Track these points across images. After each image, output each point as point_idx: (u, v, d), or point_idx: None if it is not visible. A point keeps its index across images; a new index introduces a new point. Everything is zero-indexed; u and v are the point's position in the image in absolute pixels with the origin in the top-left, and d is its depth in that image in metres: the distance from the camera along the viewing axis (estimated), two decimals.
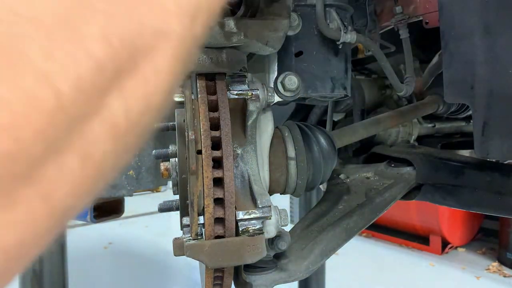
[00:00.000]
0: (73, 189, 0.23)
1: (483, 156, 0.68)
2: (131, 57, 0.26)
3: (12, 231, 0.20)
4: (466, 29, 0.63)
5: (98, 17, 0.24)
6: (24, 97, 0.19)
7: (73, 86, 0.21)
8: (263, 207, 0.65)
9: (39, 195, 0.21)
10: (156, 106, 0.29)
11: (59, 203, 0.22)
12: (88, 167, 0.23)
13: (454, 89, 0.67)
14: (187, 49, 0.32)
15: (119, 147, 0.26)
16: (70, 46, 0.21)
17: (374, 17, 0.91)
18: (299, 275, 0.77)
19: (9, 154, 0.18)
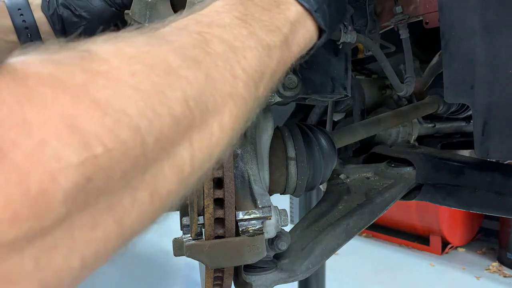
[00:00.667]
0: (141, 217, 0.27)
1: (483, 156, 0.68)
2: (202, 116, 0.31)
3: (91, 246, 0.24)
4: (466, 29, 0.63)
5: (181, 82, 0.30)
6: (119, 143, 0.23)
7: (155, 138, 0.26)
8: (263, 207, 0.65)
9: (114, 220, 0.25)
10: (217, 156, 0.34)
11: (128, 227, 0.26)
12: (155, 201, 0.28)
13: (454, 89, 0.67)
14: (250, 110, 0.39)
15: (182, 187, 0.31)
16: (157, 106, 0.27)
17: (374, 17, 0.90)
18: (299, 275, 0.77)
19: (100, 188, 0.23)
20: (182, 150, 0.29)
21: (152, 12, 0.79)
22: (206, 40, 0.36)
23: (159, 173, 0.28)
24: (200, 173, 0.33)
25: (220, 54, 0.36)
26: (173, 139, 0.28)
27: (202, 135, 0.31)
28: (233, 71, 0.36)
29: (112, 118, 0.23)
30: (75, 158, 0.21)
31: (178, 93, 0.29)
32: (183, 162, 0.30)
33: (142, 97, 0.26)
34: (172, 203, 0.31)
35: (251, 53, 0.39)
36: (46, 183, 0.20)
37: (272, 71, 0.43)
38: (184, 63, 0.31)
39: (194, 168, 0.31)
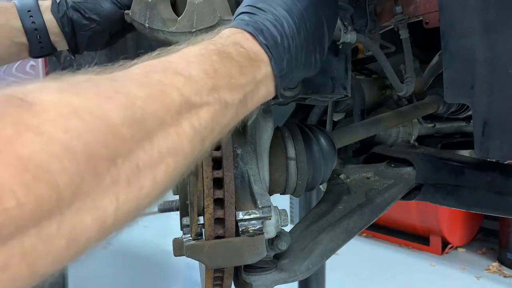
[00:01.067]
0: (55, 261, 0.28)
1: (483, 156, 0.68)
2: (132, 172, 0.32)
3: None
4: (466, 29, 0.63)
5: (116, 142, 0.32)
6: (33, 198, 0.25)
7: (73, 193, 0.27)
8: (263, 207, 0.65)
9: (27, 263, 0.26)
10: (146, 206, 0.35)
11: (41, 269, 0.27)
12: (71, 247, 0.29)
13: (454, 89, 0.67)
14: (191, 162, 0.40)
15: (103, 234, 0.31)
16: (82, 164, 0.28)
17: (374, 17, 0.90)
18: (299, 275, 0.77)
19: (8, 235, 0.24)
20: (106, 203, 0.30)
21: (152, 12, 0.79)
22: (164, 93, 0.36)
23: (78, 223, 0.28)
24: (126, 222, 0.34)
25: (172, 110, 0.36)
26: (95, 194, 0.29)
27: (130, 189, 0.32)
28: (181, 128, 0.37)
29: (31, 174, 0.25)
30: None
31: (109, 152, 0.30)
32: (106, 214, 0.30)
33: (68, 154, 0.27)
34: (92, 246, 0.32)
35: (206, 110, 0.40)
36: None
37: (223, 126, 0.44)
38: (125, 120, 0.32)
39: (118, 218, 0.32)
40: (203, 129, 0.40)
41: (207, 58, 0.43)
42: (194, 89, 0.39)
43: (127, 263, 3.66)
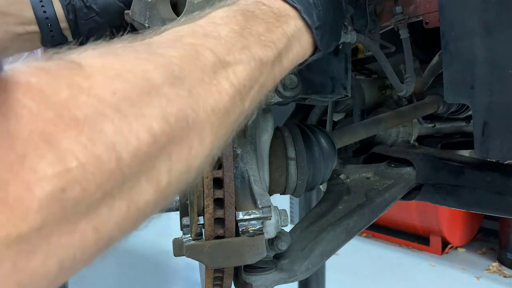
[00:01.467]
0: (118, 226, 0.29)
1: (483, 156, 0.68)
2: (182, 131, 0.32)
3: (68, 251, 0.25)
4: (466, 29, 0.63)
5: (161, 100, 0.31)
6: (93, 158, 0.25)
7: (131, 154, 0.27)
8: (263, 207, 0.65)
9: (92, 227, 0.26)
10: (196, 168, 0.35)
11: (106, 234, 0.28)
12: (132, 211, 0.29)
13: (454, 89, 0.67)
14: (234, 122, 0.39)
15: (159, 198, 0.31)
16: (134, 124, 0.28)
17: (374, 17, 0.90)
18: (299, 275, 0.77)
19: (75, 198, 0.24)
20: (160, 164, 0.30)
21: (152, 12, 0.79)
22: (198, 53, 0.37)
23: (136, 186, 0.29)
24: (179, 184, 0.33)
25: (209, 69, 0.37)
26: (151, 154, 0.29)
27: (180, 149, 0.32)
28: (220, 86, 0.37)
29: (88, 135, 0.25)
30: (50, 171, 0.23)
31: (157, 111, 0.30)
32: (161, 175, 0.31)
33: (119, 116, 0.28)
34: (151, 212, 0.32)
35: (242, 68, 0.40)
36: (23, 192, 0.22)
37: (261, 85, 0.43)
38: (167, 80, 0.32)
39: (171, 180, 0.32)
40: (242, 87, 0.39)
41: (232, 18, 0.43)
42: (226, 48, 0.39)
43: (127, 263, 3.66)
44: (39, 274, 0.24)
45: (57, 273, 0.25)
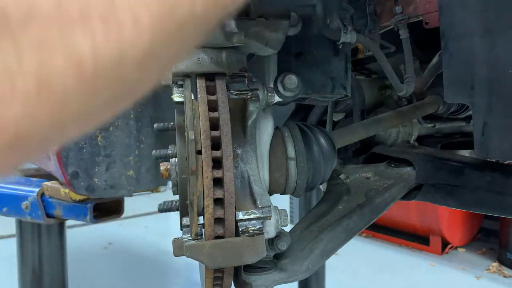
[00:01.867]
0: (27, 109, 0.25)
1: (483, 156, 0.68)
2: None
3: None
4: (466, 29, 0.63)
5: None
6: None
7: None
8: (263, 207, 0.65)
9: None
10: (130, 61, 0.28)
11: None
12: (43, 92, 0.25)
13: (454, 89, 0.67)
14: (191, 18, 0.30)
15: (84, 86, 0.26)
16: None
17: (374, 17, 0.90)
18: (299, 275, 0.77)
19: None
20: (78, 40, 0.26)
21: None
22: None
23: (48, 60, 0.25)
24: (110, 77, 0.28)
25: None
26: (60, 27, 0.25)
27: (107, 27, 0.27)
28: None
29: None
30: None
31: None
32: (82, 55, 0.26)
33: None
34: (74, 106, 0.27)
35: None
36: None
37: None
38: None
39: (98, 64, 0.27)
40: None
41: None
42: None
43: (127, 263, 3.66)
44: None
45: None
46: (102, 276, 3.35)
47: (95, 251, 3.92)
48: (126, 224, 4.82)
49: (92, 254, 3.84)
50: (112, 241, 4.23)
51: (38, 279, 1.81)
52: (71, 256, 2.11)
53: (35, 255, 1.79)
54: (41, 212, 1.62)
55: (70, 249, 2.04)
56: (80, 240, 4.02)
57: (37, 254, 1.79)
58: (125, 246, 4.13)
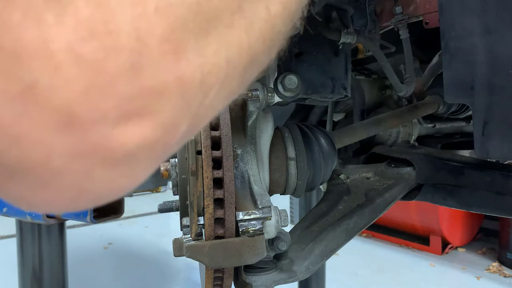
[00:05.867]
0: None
1: (483, 156, 0.68)
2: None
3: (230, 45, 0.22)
4: (466, 29, 0.63)
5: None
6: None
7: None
8: (263, 207, 0.65)
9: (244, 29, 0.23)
10: (278, 35, 0.28)
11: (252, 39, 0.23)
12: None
13: (454, 89, 0.67)
14: None
15: (243, 58, 0.25)
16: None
17: (374, 17, 0.90)
18: (299, 275, 0.77)
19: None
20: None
21: None
22: None
23: None
24: (260, 50, 0.27)
25: None
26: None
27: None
28: None
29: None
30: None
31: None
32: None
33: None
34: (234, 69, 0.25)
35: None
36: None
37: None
38: None
39: (252, 42, 0.26)
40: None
41: None
42: None
43: (127, 263, 3.66)
44: (215, 64, 0.21)
45: (226, 67, 0.22)
46: (102, 276, 3.35)
47: (95, 251, 3.92)
48: (126, 224, 4.82)
49: (92, 254, 3.84)
50: (112, 241, 4.23)
51: (38, 279, 1.81)
52: (71, 256, 2.11)
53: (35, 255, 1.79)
54: None
55: (70, 249, 2.04)
56: (80, 240, 4.02)
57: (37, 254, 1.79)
58: (125, 246, 4.13)
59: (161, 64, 0.18)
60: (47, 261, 1.81)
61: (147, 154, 0.19)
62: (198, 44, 0.20)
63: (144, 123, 0.18)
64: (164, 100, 0.18)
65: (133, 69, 0.17)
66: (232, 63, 0.23)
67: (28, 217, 1.65)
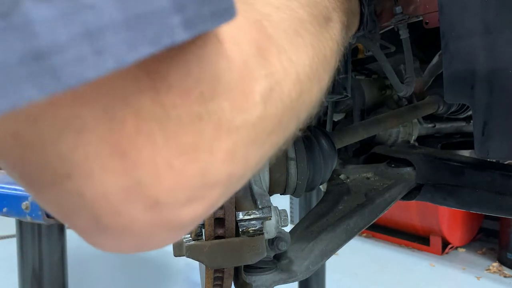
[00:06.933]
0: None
1: (483, 156, 0.68)
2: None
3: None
4: (466, 29, 0.63)
5: (308, 33, 0.38)
6: (286, 73, 0.32)
7: (304, 72, 0.34)
8: (263, 207, 0.65)
9: None
10: (316, 78, 0.39)
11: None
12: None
13: (454, 89, 0.67)
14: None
15: (298, 88, 0.34)
16: (302, 50, 0.35)
17: (374, 17, 0.90)
18: (299, 275, 0.77)
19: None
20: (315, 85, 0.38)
21: None
22: (316, 3, 0.43)
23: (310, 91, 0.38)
24: (309, 85, 0.37)
25: (325, 16, 0.44)
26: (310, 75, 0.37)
27: (317, 49, 0.38)
28: (329, 33, 0.44)
29: (284, 55, 0.33)
30: (263, 73, 0.29)
31: (312, 40, 0.37)
32: (302, 65, 0.35)
33: (287, 35, 0.34)
34: (286, 101, 0.33)
35: (335, 26, 0.47)
36: (251, 87, 0.27)
37: (342, 48, 0.49)
38: (308, 17, 0.39)
39: (306, 74, 0.35)
40: (337, 43, 0.45)
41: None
42: (328, 5, 0.45)
43: (127, 263, 3.66)
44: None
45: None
46: (102, 276, 3.35)
47: (95, 251, 3.91)
48: None
49: (92, 254, 3.84)
50: None
51: (38, 279, 1.81)
52: (71, 256, 2.11)
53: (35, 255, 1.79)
54: (41, 212, 1.62)
55: (70, 249, 2.04)
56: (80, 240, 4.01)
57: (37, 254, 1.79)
58: None
59: (220, 167, 0.25)
60: (47, 261, 1.81)
61: (193, 223, 0.27)
62: (248, 152, 0.28)
63: (199, 205, 0.26)
64: (216, 190, 0.26)
65: (202, 174, 0.24)
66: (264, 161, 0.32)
67: (28, 217, 1.65)
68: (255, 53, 0.28)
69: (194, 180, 0.24)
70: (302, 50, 0.35)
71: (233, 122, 0.25)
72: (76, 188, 0.22)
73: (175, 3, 0.19)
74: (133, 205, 0.23)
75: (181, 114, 0.23)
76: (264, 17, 0.33)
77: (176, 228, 0.26)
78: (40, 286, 1.81)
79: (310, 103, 0.39)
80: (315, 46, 0.38)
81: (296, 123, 0.36)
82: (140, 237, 0.25)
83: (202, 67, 0.23)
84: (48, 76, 0.16)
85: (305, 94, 0.36)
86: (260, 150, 0.30)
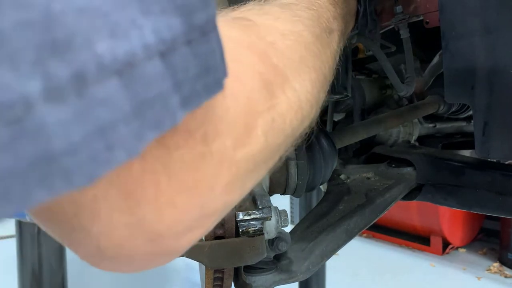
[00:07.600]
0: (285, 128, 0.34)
1: (484, 156, 0.68)
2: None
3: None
4: (467, 29, 0.62)
5: (312, 55, 0.40)
6: (290, 103, 0.34)
7: (305, 99, 0.36)
8: (263, 207, 0.65)
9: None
10: (311, 104, 0.39)
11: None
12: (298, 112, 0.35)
13: (454, 89, 0.67)
14: None
15: (299, 121, 0.36)
16: (304, 75, 0.37)
17: (374, 17, 0.90)
18: (299, 276, 0.77)
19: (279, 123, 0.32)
20: (299, 86, 0.36)
21: None
22: (319, 17, 0.45)
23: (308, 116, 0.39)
24: (303, 113, 0.37)
25: (327, 31, 0.45)
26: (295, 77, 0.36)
27: (315, 76, 0.40)
28: (331, 47, 0.46)
29: (290, 84, 0.34)
30: (266, 105, 0.31)
31: (310, 62, 0.38)
32: (300, 96, 0.36)
33: (286, 51, 0.35)
34: (291, 131, 0.35)
35: (336, 35, 0.49)
36: (253, 120, 0.29)
37: (338, 55, 0.51)
38: (312, 38, 0.40)
39: (302, 103, 0.36)
40: (336, 52, 0.47)
41: None
42: (329, 15, 0.47)
43: None
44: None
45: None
46: (102, 276, 3.35)
47: None
48: None
49: None
50: None
51: (38, 279, 1.81)
52: (71, 256, 2.10)
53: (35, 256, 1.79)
54: None
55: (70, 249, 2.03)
56: None
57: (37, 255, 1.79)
58: None
59: (219, 199, 0.26)
60: (46, 261, 1.81)
61: (191, 246, 0.29)
62: (246, 181, 0.29)
63: (197, 233, 0.27)
64: (213, 218, 0.28)
65: (202, 207, 0.25)
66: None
67: (28, 217, 1.65)
68: (259, 87, 0.29)
69: (194, 213, 0.25)
70: (306, 76, 0.36)
71: (234, 157, 0.26)
72: (82, 225, 0.22)
73: (174, 83, 0.19)
74: (136, 239, 0.24)
75: (183, 155, 0.23)
76: (269, 46, 0.34)
77: (175, 254, 0.27)
78: (39, 286, 1.81)
79: (309, 123, 0.40)
80: (317, 68, 0.39)
81: (294, 141, 0.38)
82: (141, 263, 0.27)
83: (206, 109, 0.24)
84: (59, 179, 0.16)
85: (306, 119, 0.37)
86: (257, 175, 0.31)
